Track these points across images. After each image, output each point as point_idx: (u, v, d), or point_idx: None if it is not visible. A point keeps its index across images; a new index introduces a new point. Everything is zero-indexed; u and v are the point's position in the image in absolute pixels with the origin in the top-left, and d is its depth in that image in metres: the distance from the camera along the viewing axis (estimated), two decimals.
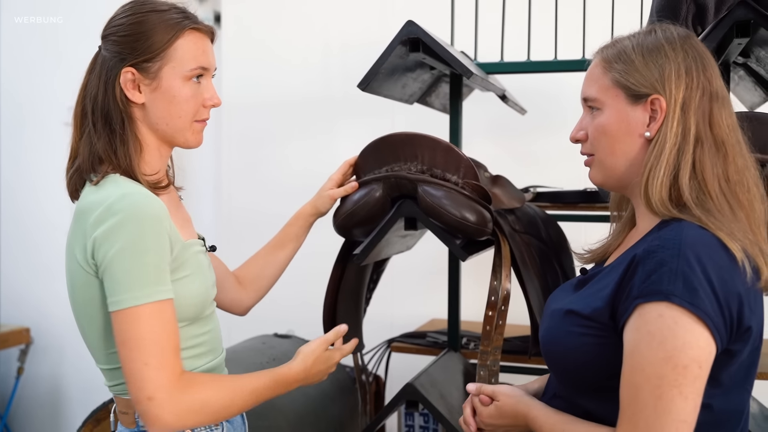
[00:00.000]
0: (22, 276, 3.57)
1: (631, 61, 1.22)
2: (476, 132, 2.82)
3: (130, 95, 1.40)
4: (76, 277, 1.35)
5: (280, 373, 1.44)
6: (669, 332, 1.06)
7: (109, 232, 1.27)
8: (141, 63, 1.39)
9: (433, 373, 2.02)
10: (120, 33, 1.41)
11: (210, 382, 1.34)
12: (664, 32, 1.25)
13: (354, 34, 3.18)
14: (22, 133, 3.65)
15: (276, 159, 3.36)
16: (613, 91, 1.24)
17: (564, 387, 1.26)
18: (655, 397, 1.06)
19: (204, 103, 1.45)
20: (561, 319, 1.24)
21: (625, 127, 1.23)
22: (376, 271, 2.24)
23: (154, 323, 1.27)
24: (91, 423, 1.98)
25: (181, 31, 1.41)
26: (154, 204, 1.31)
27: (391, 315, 3.07)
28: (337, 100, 3.22)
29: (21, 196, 3.63)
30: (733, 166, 1.19)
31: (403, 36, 1.89)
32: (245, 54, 3.39)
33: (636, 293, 1.10)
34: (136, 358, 1.26)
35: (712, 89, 1.21)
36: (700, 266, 1.08)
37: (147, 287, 1.27)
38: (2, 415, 3.53)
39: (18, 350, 3.51)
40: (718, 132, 1.19)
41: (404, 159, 1.78)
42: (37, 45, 3.64)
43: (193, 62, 1.42)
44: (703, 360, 1.06)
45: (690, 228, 1.13)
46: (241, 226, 3.37)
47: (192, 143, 1.47)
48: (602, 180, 1.30)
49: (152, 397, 1.26)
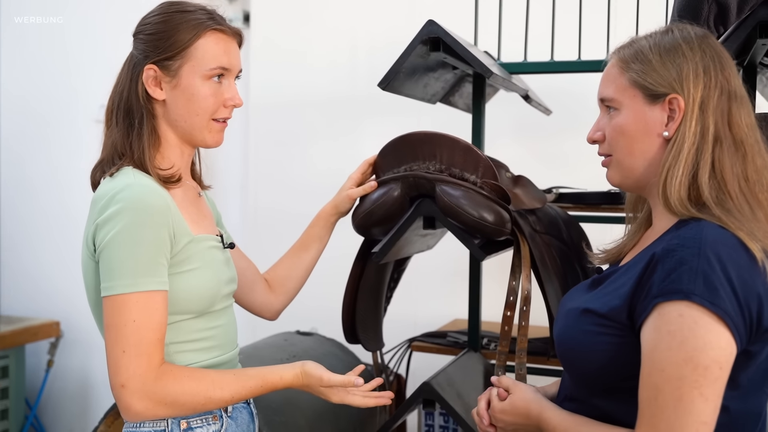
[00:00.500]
0: (52, 270, 3.64)
1: (649, 60, 1.22)
2: (501, 132, 2.81)
3: (151, 92, 1.45)
4: (85, 261, 1.41)
5: (270, 380, 1.45)
6: (689, 332, 1.05)
7: (108, 219, 1.32)
8: (163, 60, 1.44)
9: (450, 372, 2.02)
10: (147, 31, 1.46)
11: (187, 378, 1.36)
12: (681, 32, 1.24)
13: (380, 34, 3.19)
14: (53, 132, 3.71)
15: (302, 159, 3.38)
16: (631, 91, 1.24)
17: (578, 388, 1.26)
18: (676, 399, 1.05)
19: (225, 102, 1.48)
20: (577, 318, 1.23)
21: (643, 127, 1.23)
22: (396, 270, 2.25)
23: (139, 312, 1.30)
24: (112, 416, 2.02)
25: (204, 31, 1.45)
26: (155, 196, 1.35)
27: (415, 315, 3.07)
28: (363, 99, 3.23)
29: (48, 192, 3.69)
30: (752, 166, 1.19)
31: (424, 35, 1.89)
32: (273, 53, 3.41)
33: (655, 292, 1.09)
34: (116, 344, 1.31)
35: (730, 88, 1.20)
36: (720, 265, 1.07)
37: (138, 276, 1.30)
38: (32, 407, 3.59)
39: (48, 343, 3.57)
40: (737, 131, 1.19)
41: (423, 158, 1.78)
42: (37, 45, 3.69)
43: (213, 62, 1.45)
44: (723, 361, 1.05)
45: (710, 227, 1.12)
46: (268, 225, 3.40)
47: (210, 142, 1.50)
48: (620, 180, 1.29)
49: (125, 384, 1.30)
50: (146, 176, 1.41)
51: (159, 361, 1.33)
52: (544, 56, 2.39)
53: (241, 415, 1.52)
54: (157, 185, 1.40)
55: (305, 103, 3.36)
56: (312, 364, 1.48)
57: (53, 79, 3.67)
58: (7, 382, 3.36)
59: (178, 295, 1.38)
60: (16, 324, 3.42)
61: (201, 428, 1.43)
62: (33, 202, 3.72)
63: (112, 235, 1.31)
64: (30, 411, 3.57)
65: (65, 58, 3.63)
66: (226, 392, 1.39)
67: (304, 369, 1.47)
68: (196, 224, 1.47)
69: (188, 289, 1.40)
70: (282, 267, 1.81)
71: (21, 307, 3.70)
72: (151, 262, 1.32)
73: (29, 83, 3.73)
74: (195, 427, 1.42)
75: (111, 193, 1.34)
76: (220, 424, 1.45)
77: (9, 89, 3.77)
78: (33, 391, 3.63)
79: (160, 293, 1.33)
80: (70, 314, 3.57)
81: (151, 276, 1.32)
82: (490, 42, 2.46)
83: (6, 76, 3.76)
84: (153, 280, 1.32)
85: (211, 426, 1.44)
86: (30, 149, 3.74)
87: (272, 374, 1.45)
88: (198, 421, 1.43)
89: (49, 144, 3.69)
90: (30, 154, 3.73)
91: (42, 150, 3.71)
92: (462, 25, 2.40)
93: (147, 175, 1.41)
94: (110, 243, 1.31)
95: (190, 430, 1.41)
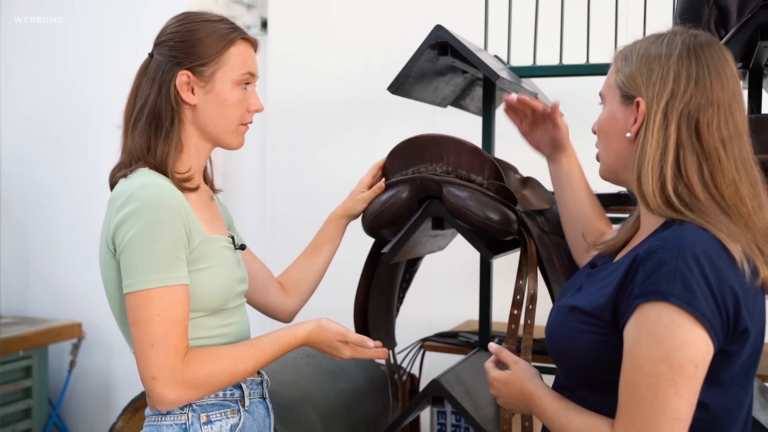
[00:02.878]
0: (74, 273, 3.70)
1: (631, 63, 1.26)
2: (512, 135, 2.82)
3: (184, 96, 1.50)
4: (103, 260, 1.45)
5: (286, 342, 1.50)
6: (667, 332, 1.08)
7: (126, 217, 1.37)
8: (197, 67, 1.50)
9: (460, 370, 2.05)
10: (176, 39, 1.52)
11: (211, 359, 1.41)
12: (675, 37, 1.25)
13: (396, 40, 3.23)
14: (57, 134, 3.73)
15: (319, 164, 3.42)
16: (613, 90, 1.30)
17: (568, 381, 1.29)
18: (652, 395, 1.08)
19: (249, 108, 1.56)
20: (565, 315, 1.27)
21: (614, 125, 1.28)
22: (408, 271, 2.29)
23: (163, 307, 1.35)
24: (130, 411, 2.07)
25: (234, 40, 1.53)
26: (171, 195, 1.40)
27: (429, 316, 3.11)
28: (378, 105, 3.27)
29: (65, 196, 3.73)
30: (724, 178, 1.18)
31: (432, 40, 1.93)
32: (290, 59, 3.47)
33: (637, 293, 1.12)
34: (144, 339, 1.35)
35: (710, 98, 1.19)
36: (698, 267, 1.09)
37: (159, 272, 1.35)
38: (55, 407, 3.66)
39: (70, 344, 3.64)
40: (707, 141, 1.18)
41: (430, 160, 1.82)
42: (37, 45, 3.72)
43: (244, 68, 1.53)
44: (699, 360, 1.08)
45: (691, 229, 1.15)
46: (285, 229, 3.45)
47: (235, 145, 1.58)
48: (603, 174, 1.36)
49: (156, 377, 1.35)
50: (162, 177, 1.46)
51: (185, 349, 1.38)
52: (553, 60, 2.42)
53: (257, 409, 1.56)
54: (173, 186, 1.45)
55: (322, 109, 3.41)
56: (327, 320, 1.54)
57: (53, 80, 3.69)
58: (31, 382, 3.42)
59: (194, 291, 1.43)
60: (39, 325, 3.49)
61: (220, 421, 1.48)
62: (52, 205, 3.77)
63: (132, 233, 1.35)
64: (53, 410, 3.64)
65: (65, 58, 3.65)
66: (249, 364, 1.45)
67: (320, 323, 1.53)
68: (209, 225, 1.52)
69: (205, 286, 1.45)
70: (295, 270, 1.85)
71: (45, 308, 3.78)
72: (172, 258, 1.37)
73: (28, 83, 3.76)
74: (215, 420, 1.47)
75: (128, 192, 1.39)
76: (238, 418, 1.50)
77: (8, 89, 3.80)
78: (56, 391, 3.71)
79: (182, 287, 1.38)
80: (92, 316, 3.63)
81: (173, 271, 1.37)
82: (500, 46, 2.49)
83: (6, 76, 3.80)
84: (175, 275, 1.37)
85: (230, 420, 1.49)
86: (36, 152, 3.76)
87: (287, 336, 1.51)
88: (218, 414, 1.48)
89: (58, 146, 3.72)
90: (41, 160, 3.76)
91: (50, 152, 3.73)
92: (473, 30, 2.45)
93: (163, 176, 1.46)
94: (131, 241, 1.36)
95: (209, 424, 1.46)
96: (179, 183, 1.48)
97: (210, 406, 1.47)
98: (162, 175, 1.46)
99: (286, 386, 2.13)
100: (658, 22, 2.28)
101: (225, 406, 1.49)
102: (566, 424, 1.22)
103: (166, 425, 1.44)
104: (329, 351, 1.55)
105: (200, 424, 1.45)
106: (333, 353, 1.55)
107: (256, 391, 1.57)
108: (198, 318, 1.46)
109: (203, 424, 1.45)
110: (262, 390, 1.59)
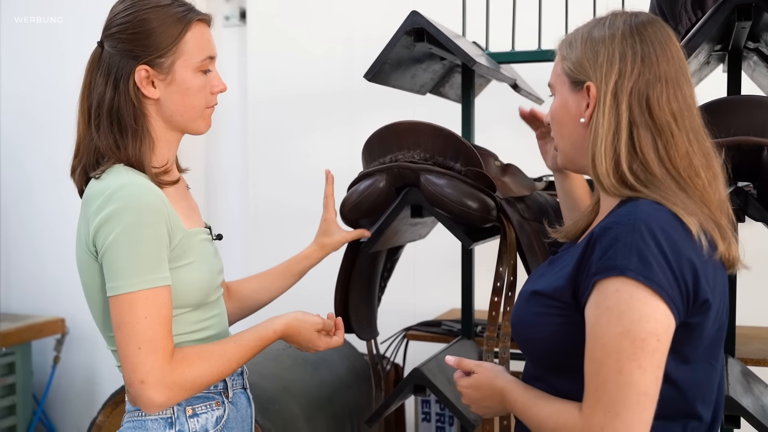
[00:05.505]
0: (56, 269, 3.67)
1: (576, 48, 1.25)
2: (494, 122, 2.82)
3: (146, 92, 1.43)
4: (82, 261, 1.42)
5: (265, 336, 1.49)
6: (626, 306, 1.07)
7: (107, 219, 1.33)
8: (155, 59, 1.43)
9: (442, 359, 2.04)
10: (129, 30, 1.43)
11: (198, 359, 1.39)
12: (616, 18, 1.25)
13: (376, 26, 3.20)
14: (51, 131, 3.71)
15: (300, 151, 3.40)
16: (562, 78, 1.28)
17: (536, 368, 1.29)
18: (615, 371, 1.07)
19: (212, 90, 1.50)
20: (527, 300, 1.26)
21: (566, 112, 1.27)
22: (390, 260, 2.28)
23: (149, 309, 1.33)
24: (111, 406, 2.06)
25: (189, 24, 1.45)
26: (151, 194, 1.36)
27: (414, 305, 3.10)
28: (359, 92, 3.25)
29: (48, 192, 3.71)
30: (677, 151, 1.18)
31: (408, 26, 1.91)
32: (270, 49, 3.44)
33: (594, 270, 1.12)
34: (131, 342, 1.32)
35: (659, 73, 1.19)
36: (654, 240, 1.09)
37: (143, 274, 1.32)
38: (40, 403, 3.64)
39: (54, 340, 3.62)
40: (658, 116, 1.18)
41: (408, 147, 1.81)
42: (38, 45, 3.71)
43: (202, 53, 1.47)
44: (661, 333, 1.07)
45: (645, 204, 1.14)
46: (268, 217, 3.43)
47: (203, 129, 1.53)
48: (562, 163, 1.34)
49: (144, 380, 1.32)
50: (139, 174, 1.41)
51: (171, 350, 1.36)
52: (531, 45, 2.40)
53: (240, 400, 1.56)
54: (151, 183, 1.41)
55: (302, 96, 3.39)
56: (303, 312, 1.54)
57: (52, 80, 3.68)
58: (14, 378, 3.40)
59: (177, 288, 1.40)
60: (21, 321, 3.46)
61: (206, 414, 1.46)
62: (34, 201, 3.75)
63: (114, 235, 1.32)
64: (38, 406, 3.62)
65: (65, 58, 3.63)
66: (234, 362, 1.43)
67: (296, 316, 1.52)
68: (188, 218, 1.50)
69: (188, 282, 1.42)
70: (251, 284, 1.80)
71: (26, 305, 3.75)
72: (155, 259, 1.34)
73: (28, 83, 3.75)
74: (200, 413, 1.46)
75: (107, 192, 1.35)
76: (223, 410, 1.49)
77: (8, 89, 3.79)
78: (41, 387, 3.68)
79: (166, 288, 1.36)
80: (75, 312, 3.61)
81: (157, 272, 1.34)
82: (478, 32, 2.48)
83: (5, 76, 3.79)
84: (159, 276, 1.34)
85: (215, 411, 1.48)
86: (28, 149, 3.75)
87: (266, 330, 1.50)
88: (203, 407, 1.46)
89: (48, 143, 3.70)
90: (28, 154, 3.75)
91: (40, 149, 3.72)
92: (452, 16, 2.43)
93: (140, 173, 1.42)
94: (113, 243, 1.32)
95: (195, 417, 1.45)
96: (157, 178, 1.44)
97: (195, 399, 1.46)
98: (138, 172, 1.42)
99: (268, 378, 2.12)
100: (635, 5, 2.28)
101: (210, 398, 1.48)
102: (536, 413, 1.21)
103: (151, 420, 1.42)
104: (305, 345, 1.54)
105: (186, 417, 1.44)
106: (309, 347, 1.54)
107: (237, 381, 1.56)
108: (181, 314, 1.44)
109: (189, 417, 1.44)
110: (243, 380, 1.58)
